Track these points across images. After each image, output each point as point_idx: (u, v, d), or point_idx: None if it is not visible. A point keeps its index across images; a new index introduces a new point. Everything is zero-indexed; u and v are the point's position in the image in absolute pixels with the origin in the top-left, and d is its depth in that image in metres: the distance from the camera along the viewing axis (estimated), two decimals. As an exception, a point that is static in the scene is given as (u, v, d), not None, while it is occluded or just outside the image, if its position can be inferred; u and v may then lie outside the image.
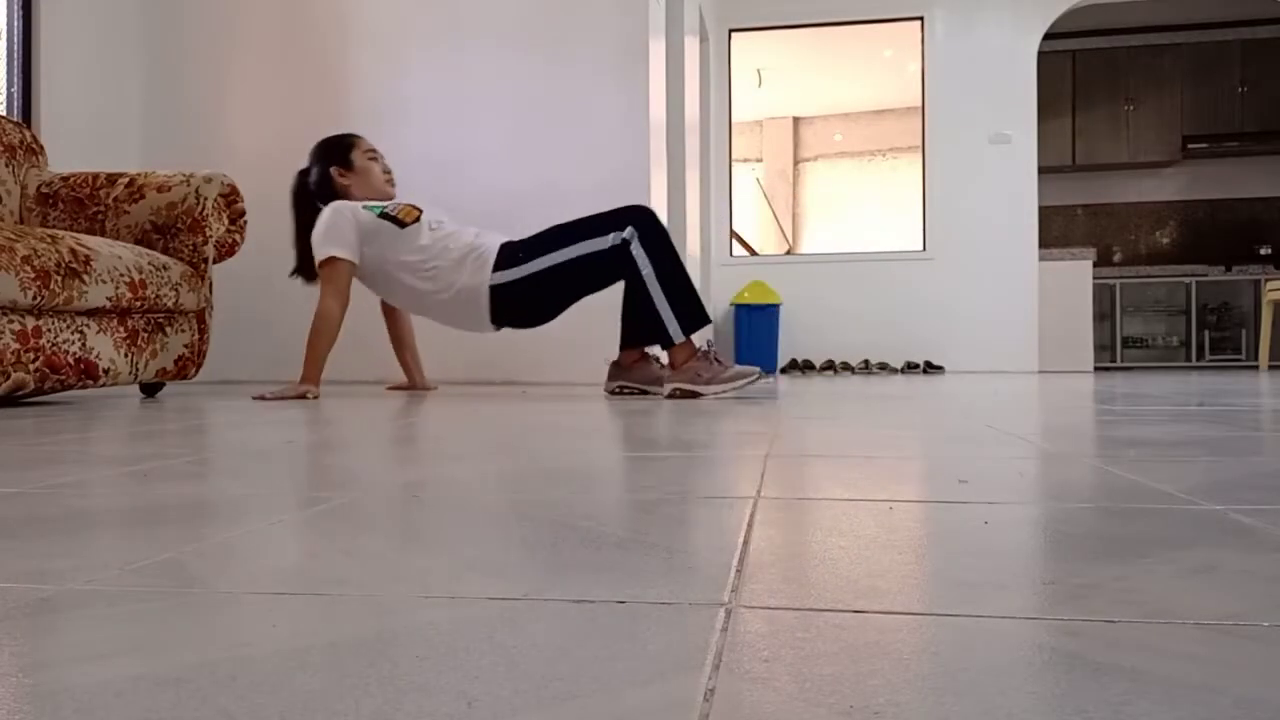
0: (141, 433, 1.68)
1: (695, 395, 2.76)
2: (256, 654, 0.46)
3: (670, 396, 2.79)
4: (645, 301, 2.82)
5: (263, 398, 2.71)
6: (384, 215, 2.97)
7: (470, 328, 3.05)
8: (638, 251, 2.80)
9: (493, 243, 2.95)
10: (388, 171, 3.16)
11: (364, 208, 2.99)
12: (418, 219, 2.98)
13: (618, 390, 3.00)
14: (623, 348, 2.97)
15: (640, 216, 2.84)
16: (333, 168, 3.10)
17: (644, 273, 2.80)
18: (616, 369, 3.01)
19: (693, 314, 2.83)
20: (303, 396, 2.76)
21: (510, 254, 2.91)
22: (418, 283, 2.96)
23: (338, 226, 2.93)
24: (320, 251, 2.93)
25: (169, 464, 1.21)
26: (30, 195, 3.10)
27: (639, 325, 2.86)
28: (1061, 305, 6.27)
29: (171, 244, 3.00)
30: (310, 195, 3.13)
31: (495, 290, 2.89)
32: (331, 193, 3.10)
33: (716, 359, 2.79)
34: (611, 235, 2.83)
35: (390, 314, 3.33)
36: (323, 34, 4.19)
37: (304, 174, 3.17)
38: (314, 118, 4.14)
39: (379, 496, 0.94)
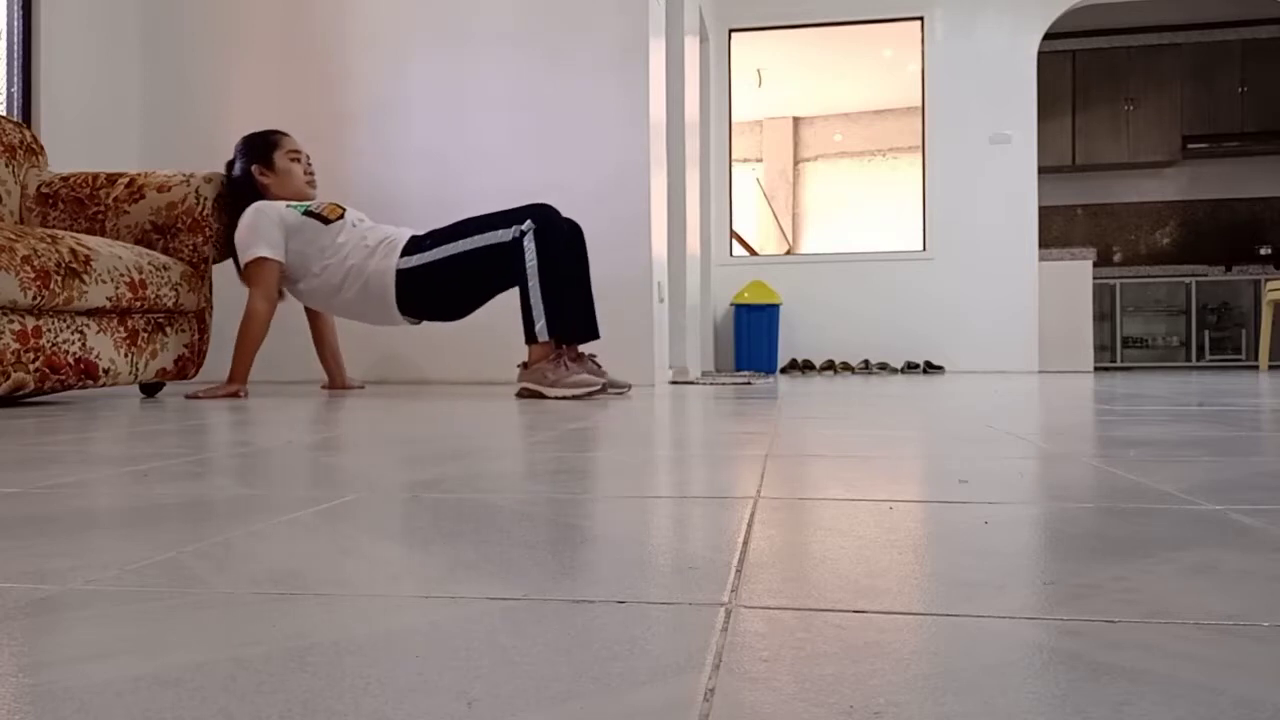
0: (141, 433, 1.68)
1: (541, 396, 2.78)
2: (256, 654, 0.46)
3: (519, 396, 2.82)
4: (524, 294, 2.83)
5: (196, 396, 2.79)
6: (308, 213, 3.02)
7: (380, 320, 3.08)
8: (528, 244, 2.82)
9: (405, 234, 3.02)
10: (310, 173, 3.18)
11: (288, 206, 3.03)
12: (341, 215, 3.04)
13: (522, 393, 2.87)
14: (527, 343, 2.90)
15: (540, 213, 2.86)
16: (254, 165, 3.12)
17: (528, 265, 2.82)
18: (524, 369, 2.88)
19: (568, 321, 2.83)
20: (234, 395, 2.86)
21: (417, 242, 2.97)
22: (331, 278, 3.01)
23: (262, 226, 2.97)
24: (247, 252, 2.97)
25: (169, 464, 1.21)
26: (30, 195, 3.10)
27: (522, 317, 2.87)
28: (1061, 305, 6.27)
29: (171, 244, 3.00)
30: (235, 192, 3.13)
31: (401, 275, 2.94)
32: (252, 190, 3.11)
33: (567, 363, 2.79)
34: (512, 229, 2.85)
35: (314, 313, 3.38)
36: (323, 34, 4.19)
37: (229, 167, 3.18)
38: (314, 117, 4.14)
39: (378, 496, 0.94)
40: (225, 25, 4.26)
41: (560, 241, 2.85)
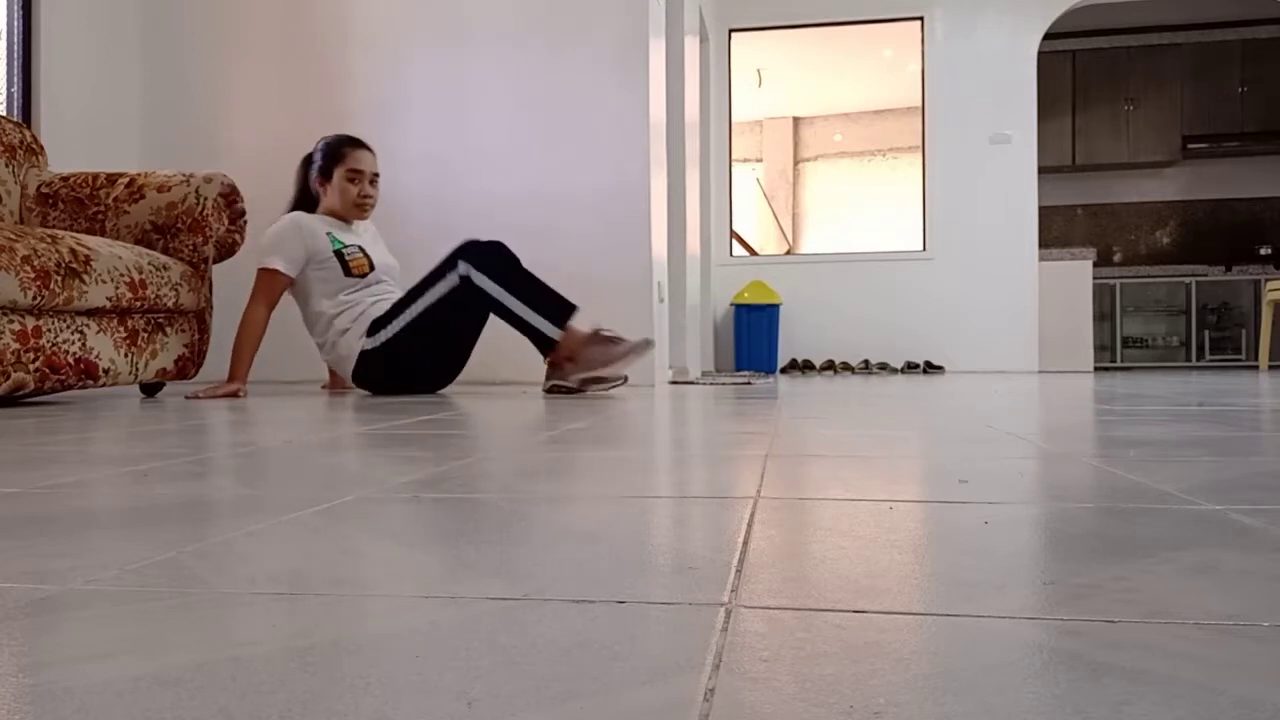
0: (141, 433, 1.68)
1: (604, 380, 2.86)
2: (256, 654, 0.46)
3: (580, 390, 2.88)
4: (515, 319, 2.88)
5: (196, 396, 2.79)
6: (339, 253, 3.03)
7: (348, 379, 3.10)
8: (482, 281, 2.86)
9: (376, 313, 3.01)
10: (366, 196, 3.12)
11: (327, 232, 3.04)
12: (364, 275, 3.05)
13: (551, 389, 2.96)
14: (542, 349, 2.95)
15: (470, 250, 2.89)
16: (317, 176, 3.14)
17: (497, 296, 2.86)
18: (552, 369, 2.97)
19: (554, 307, 2.86)
20: (233, 395, 2.87)
21: (376, 324, 2.97)
22: (320, 322, 3.06)
23: (290, 241, 3.00)
24: (265, 259, 3.00)
25: (169, 464, 1.21)
26: (30, 195, 3.10)
27: (527, 336, 2.91)
28: (1061, 305, 6.27)
29: (171, 244, 3.00)
30: (301, 191, 3.17)
31: (363, 355, 2.98)
32: (311, 194, 3.16)
33: (607, 338, 2.84)
34: (450, 275, 2.89)
35: None
36: (323, 34, 4.19)
37: (307, 163, 3.20)
38: (314, 118, 4.14)
39: (379, 496, 0.94)
40: (225, 25, 4.26)
41: (502, 262, 2.88)
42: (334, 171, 3.10)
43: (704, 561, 0.65)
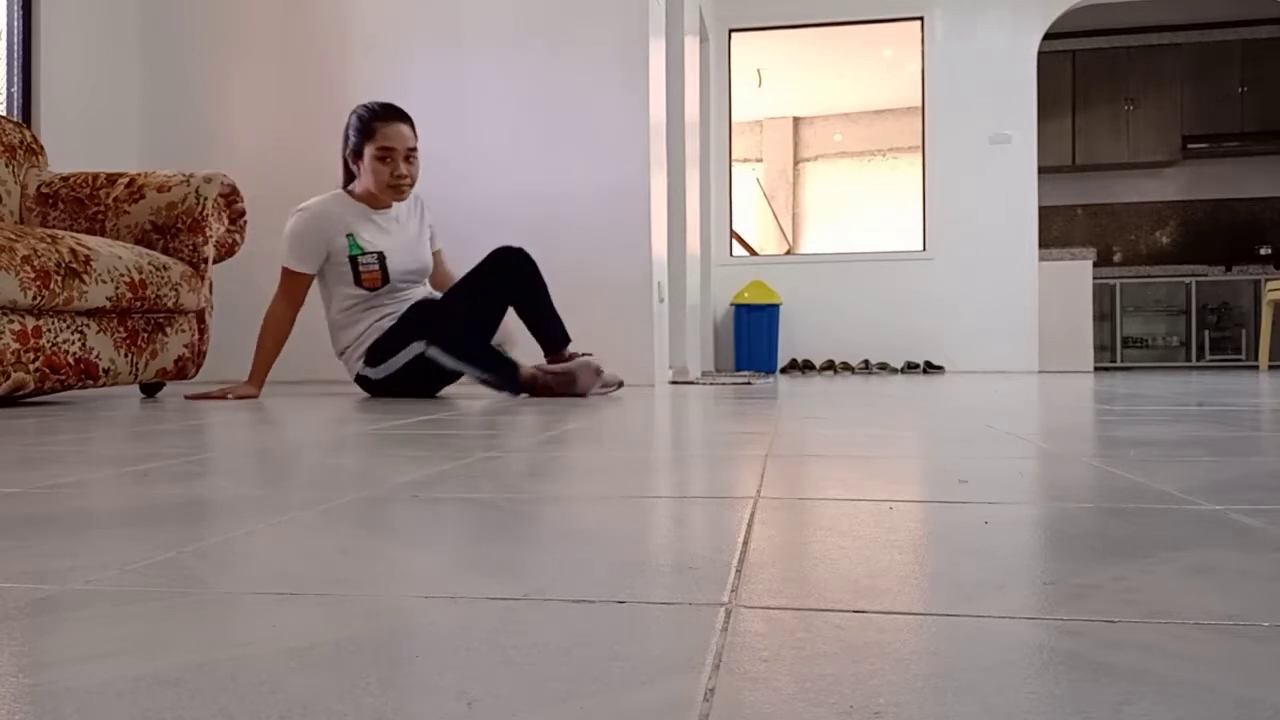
0: (141, 433, 1.68)
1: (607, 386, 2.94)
2: (256, 654, 0.46)
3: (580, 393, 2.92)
4: (480, 381, 2.91)
5: (194, 398, 2.75)
6: (353, 258, 2.91)
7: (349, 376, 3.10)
8: (435, 354, 2.85)
9: (381, 330, 2.94)
10: (400, 177, 2.89)
11: (348, 233, 2.90)
12: (375, 289, 2.93)
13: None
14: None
15: (424, 325, 2.86)
16: (350, 153, 2.96)
17: (456, 369, 2.87)
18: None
19: (506, 371, 2.86)
20: (221, 397, 2.77)
21: (373, 353, 2.92)
22: (329, 322, 3.02)
23: (308, 241, 2.89)
24: (283, 256, 2.92)
25: (169, 464, 1.21)
26: (30, 195, 3.10)
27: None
28: (1061, 305, 6.27)
29: (171, 244, 3.00)
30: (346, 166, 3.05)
31: (360, 378, 2.97)
32: (348, 172, 3.03)
33: (558, 375, 2.85)
34: (412, 346, 2.86)
35: None
36: (323, 34, 4.19)
37: (345, 134, 3.03)
38: (314, 117, 4.14)
39: (379, 496, 0.94)
40: (225, 25, 4.26)
41: (452, 336, 2.85)
42: (365, 149, 2.87)
43: (704, 561, 0.65)
